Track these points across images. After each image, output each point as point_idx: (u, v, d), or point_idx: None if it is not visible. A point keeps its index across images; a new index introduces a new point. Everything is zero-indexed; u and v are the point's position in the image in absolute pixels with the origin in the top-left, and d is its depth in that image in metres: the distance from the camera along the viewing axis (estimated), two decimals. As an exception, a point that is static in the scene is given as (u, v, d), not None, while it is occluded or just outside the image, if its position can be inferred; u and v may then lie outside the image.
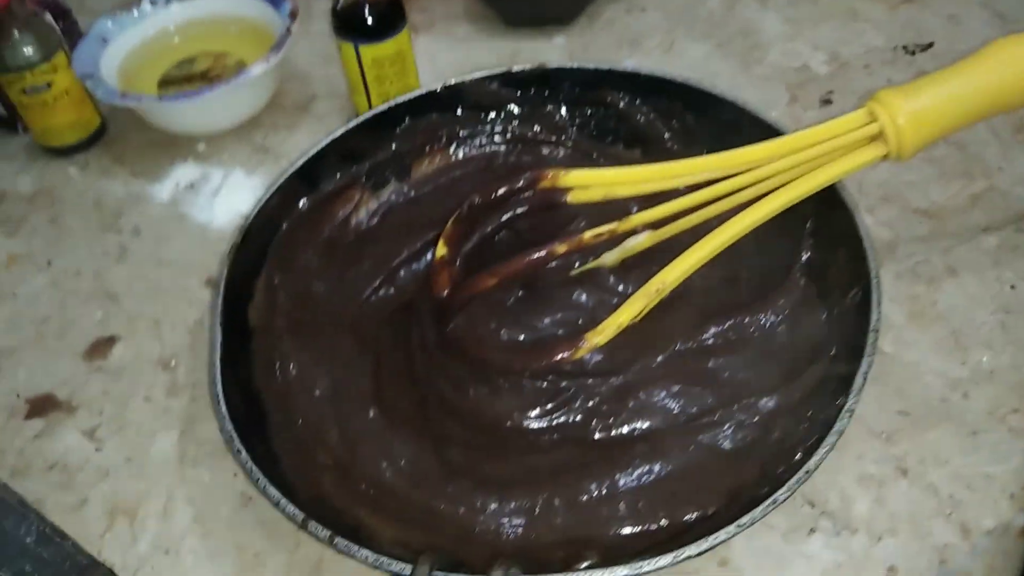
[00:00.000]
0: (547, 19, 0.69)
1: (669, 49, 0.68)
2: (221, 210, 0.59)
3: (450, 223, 0.47)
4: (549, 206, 0.48)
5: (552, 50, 0.68)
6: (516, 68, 0.55)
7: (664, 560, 0.35)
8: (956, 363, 0.48)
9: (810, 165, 0.44)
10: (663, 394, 0.44)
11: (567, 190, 0.46)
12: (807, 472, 0.37)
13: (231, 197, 0.59)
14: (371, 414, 0.45)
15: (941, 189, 0.57)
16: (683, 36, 0.69)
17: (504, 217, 0.48)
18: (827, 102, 0.63)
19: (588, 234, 0.44)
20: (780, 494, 0.36)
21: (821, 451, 0.37)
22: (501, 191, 0.46)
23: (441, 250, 0.46)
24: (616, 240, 0.47)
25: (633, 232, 0.45)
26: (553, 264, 0.49)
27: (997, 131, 0.60)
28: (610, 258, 0.48)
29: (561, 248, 0.44)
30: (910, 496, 0.43)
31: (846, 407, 0.38)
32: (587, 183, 0.45)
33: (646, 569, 0.35)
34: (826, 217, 0.47)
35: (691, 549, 0.35)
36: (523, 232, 0.50)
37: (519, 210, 0.48)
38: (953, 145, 0.59)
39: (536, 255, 0.45)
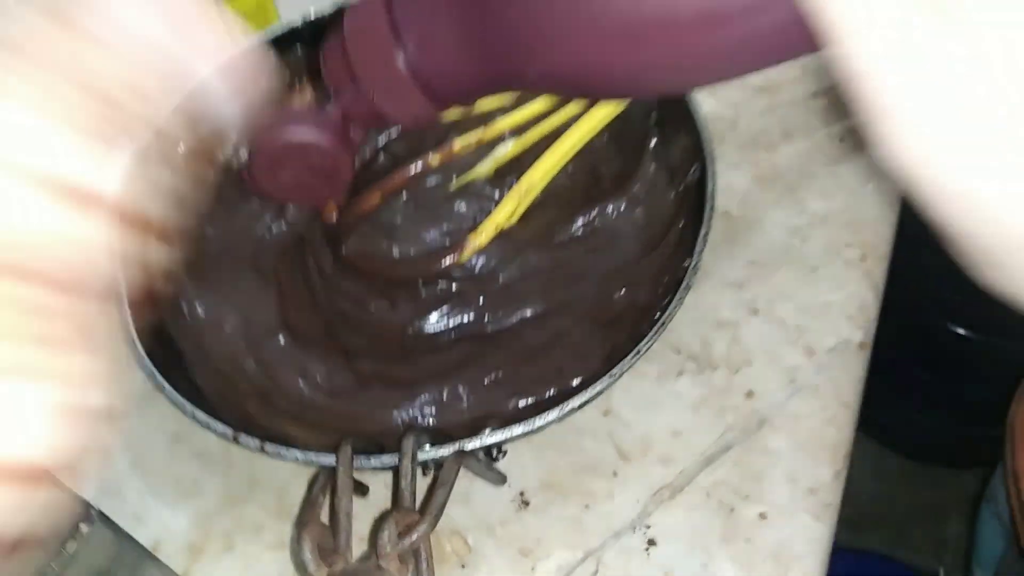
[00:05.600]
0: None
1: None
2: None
3: (326, 154, 0.50)
4: (421, 126, 0.52)
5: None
6: None
7: (552, 415, 0.40)
8: (795, 213, 0.55)
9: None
10: (543, 284, 0.50)
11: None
12: (662, 325, 0.42)
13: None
14: (281, 340, 0.49)
15: (777, 67, 0.63)
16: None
17: (379, 142, 0.51)
18: None
19: (457, 143, 0.48)
20: (641, 346, 0.42)
21: (671, 308, 0.43)
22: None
23: (321, 181, 0.50)
24: (485, 149, 0.52)
25: (500, 140, 0.49)
26: (433, 182, 0.53)
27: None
28: (484, 168, 0.53)
29: (435, 160, 0.49)
30: (761, 331, 0.50)
31: (691, 267, 0.44)
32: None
33: (539, 424, 0.40)
34: (668, 107, 0.52)
35: (574, 402, 0.41)
36: (400, 156, 0.54)
37: (392, 133, 0.51)
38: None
39: (413, 168, 0.49)
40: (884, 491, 1.06)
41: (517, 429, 0.40)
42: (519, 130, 0.51)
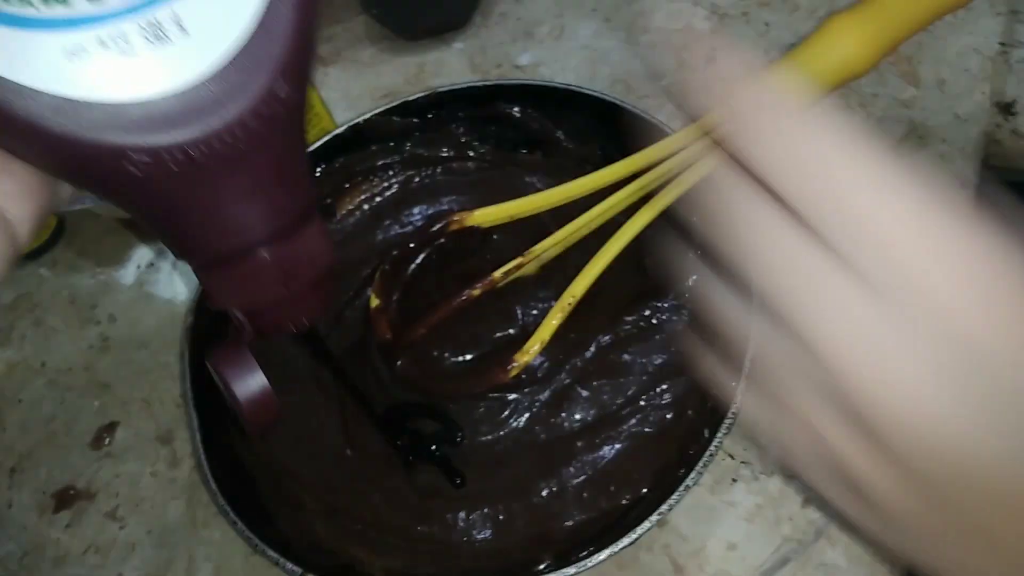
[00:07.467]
0: (441, 27, 0.72)
1: (560, 35, 0.71)
2: (182, 283, 0.64)
3: (377, 277, 0.52)
4: (463, 235, 0.53)
5: (453, 56, 0.71)
6: (411, 97, 0.58)
7: (604, 554, 0.41)
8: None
9: (689, 162, 0.49)
10: (592, 390, 0.50)
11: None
12: (715, 448, 0.43)
13: (188, 268, 0.64)
14: (347, 453, 0.51)
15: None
16: (572, 17, 0.72)
17: (424, 255, 0.53)
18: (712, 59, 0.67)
19: (498, 273, 0.50)
20: (698, 469, 0.42)
21: (721, 432, 0.43)
22: (416, 243, 0.51)
23: (374, 301, 0.51)
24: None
25: (537, 257, 0.50)
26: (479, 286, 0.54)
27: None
28: (529, 268, 0.54)
29: (476, 291, 0.50)
30: (819, 435, 0.50)
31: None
32: (491, 218, 0.50)
33: (591, 565, 0.41)
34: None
35: (626, 540, 0.41)
36: (446, 250, 0.55)
37: (436, 242, 0.53)
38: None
39: (456, 301, 0.50)
40: None
41: (570, 570, 0.41)
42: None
